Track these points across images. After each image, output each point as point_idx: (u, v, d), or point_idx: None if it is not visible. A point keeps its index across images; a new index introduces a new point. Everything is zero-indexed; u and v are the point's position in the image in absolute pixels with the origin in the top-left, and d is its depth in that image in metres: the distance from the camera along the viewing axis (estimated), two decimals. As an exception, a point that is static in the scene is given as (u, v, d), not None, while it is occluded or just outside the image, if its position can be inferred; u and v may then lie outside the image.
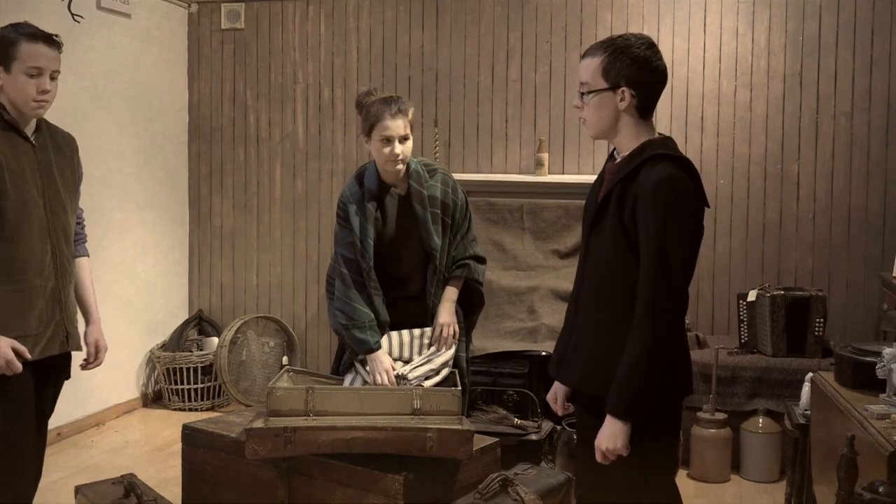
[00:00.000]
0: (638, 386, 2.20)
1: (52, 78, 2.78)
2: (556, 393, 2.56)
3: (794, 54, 4.98)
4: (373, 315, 3.21)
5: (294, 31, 5.75)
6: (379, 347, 3.19)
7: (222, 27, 5.87)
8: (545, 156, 5.15)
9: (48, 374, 2.89)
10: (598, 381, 2.31)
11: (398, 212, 3.29)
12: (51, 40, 2.78)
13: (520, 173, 5.35)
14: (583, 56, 2.36)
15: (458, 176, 5.30)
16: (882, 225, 4.90)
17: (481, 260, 3.41)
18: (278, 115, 5.80)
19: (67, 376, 3.03)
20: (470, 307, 3.44)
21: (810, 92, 4.97)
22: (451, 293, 3.33)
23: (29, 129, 2.84)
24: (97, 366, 3.04)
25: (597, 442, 2.27)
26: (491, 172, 5.42)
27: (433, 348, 3.28)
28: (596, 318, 2.35)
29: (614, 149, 2.40)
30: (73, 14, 4.75)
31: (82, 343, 3.00)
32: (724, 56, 5.07)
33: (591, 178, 5.09)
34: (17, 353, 2.68)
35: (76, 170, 3.02)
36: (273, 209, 5.82)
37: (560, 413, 2.59)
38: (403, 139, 3.16)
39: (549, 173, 5.20)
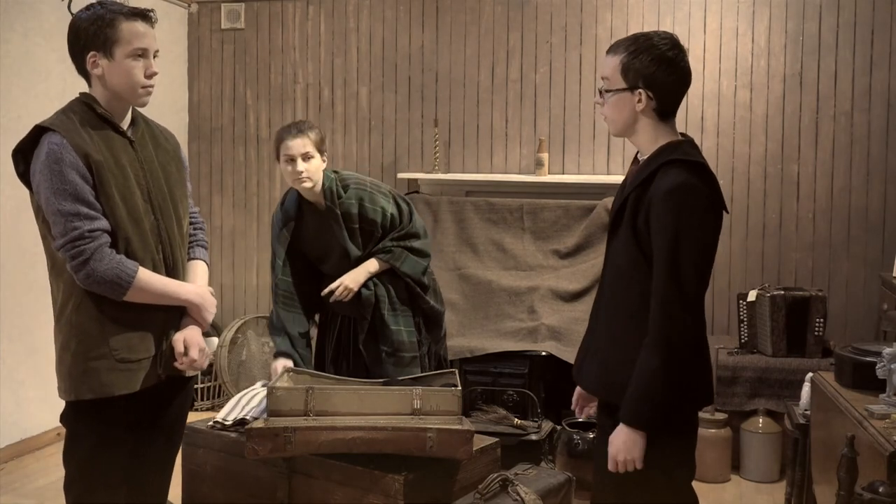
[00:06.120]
0: (653, 397, 2.16)
1: (155, 59, 2.43)
2: (579, 397, 2.55)
3: (794, 54, 4.98)
4: (283, 324, 3.39)
5: (294, 31, 5.75)
6: (281, 356, 3.34)
7: (222, 27, 5.87)
8: (545, 156, 5.15)
9: (169, 391, 2.58)
10: (611, 387, 2.29)
11: (320, 225, 3.41)
12: (148, 17, 2.44)
13: (520, 173, 5.35)
14: (607, 51, 2.34)
15: (457, 176, 5.35)
16: (882, 225, 4.90)
17: (419, 253, 3.45)
18: (278, 115, 5.80)
19: (190, 401, 2.75)
20: (413, 298, 3.47)
21: (810, 92, 4.97)
22: (368, 263, 3.39)
23: (124, 124, 2.46)
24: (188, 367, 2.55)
25: (610, 451, 2.23)
26: (491, 172, 5.42)
27: None
28: (611, 325, 2.33)
29: (638, 151, 2.37)
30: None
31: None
32: (724, 56, 5.07)
33: (591, 179, 5.18)
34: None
35: (182, 166, 2.63)
36: (273, 209, 5.81)
37: (581, 418, 2.58)
38: (306, 157, 3.28)
39: (549, 173, 5.19)
